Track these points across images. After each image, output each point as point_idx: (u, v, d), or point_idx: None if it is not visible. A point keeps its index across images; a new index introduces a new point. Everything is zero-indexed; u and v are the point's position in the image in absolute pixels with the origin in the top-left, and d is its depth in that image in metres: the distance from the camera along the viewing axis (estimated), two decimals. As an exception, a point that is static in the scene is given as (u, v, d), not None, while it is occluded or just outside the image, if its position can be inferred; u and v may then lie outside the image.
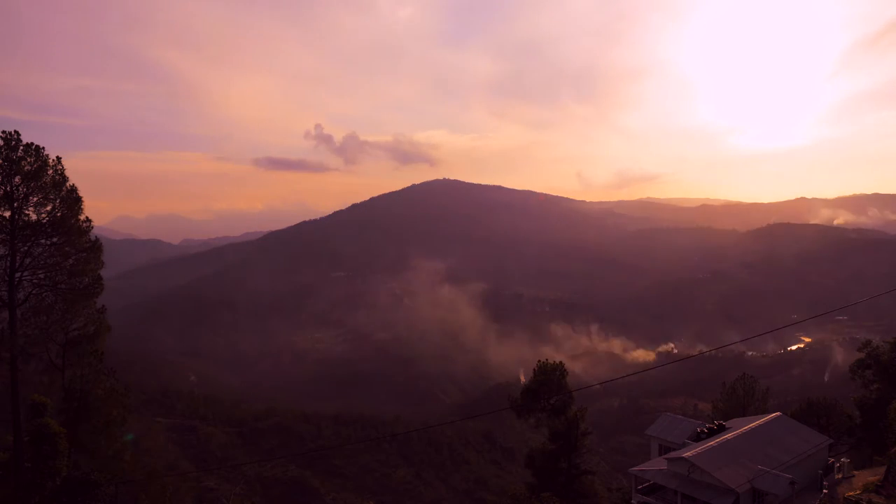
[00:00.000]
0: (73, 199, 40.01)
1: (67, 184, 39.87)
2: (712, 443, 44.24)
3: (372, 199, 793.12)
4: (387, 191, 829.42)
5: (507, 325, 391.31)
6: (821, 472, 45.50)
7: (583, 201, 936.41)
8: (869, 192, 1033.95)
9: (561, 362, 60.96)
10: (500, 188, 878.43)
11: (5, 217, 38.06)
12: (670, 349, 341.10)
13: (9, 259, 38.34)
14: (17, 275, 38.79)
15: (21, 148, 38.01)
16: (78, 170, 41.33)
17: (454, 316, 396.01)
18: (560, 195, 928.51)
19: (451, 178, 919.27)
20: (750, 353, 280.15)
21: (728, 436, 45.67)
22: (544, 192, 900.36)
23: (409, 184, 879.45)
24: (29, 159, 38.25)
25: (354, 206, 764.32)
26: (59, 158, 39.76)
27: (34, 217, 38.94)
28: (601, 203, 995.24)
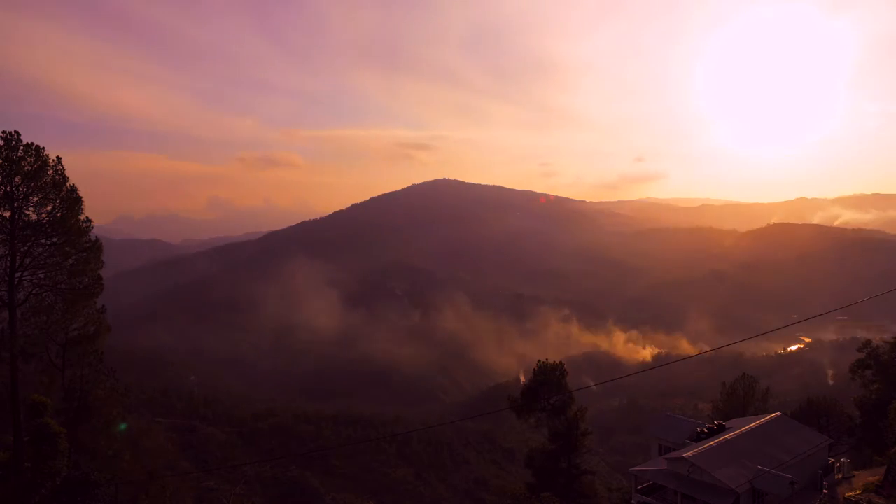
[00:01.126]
0: (73, 199, 40.02)
1: (67, 184, 39.92)
2: (712, 443, 44.28)
3: (372, 199, 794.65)
4: (380, 189, 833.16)
5: (506, 325, 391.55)
6: (821, 472, 45.53)
7: (583, 201, 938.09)
8: (869, 191, 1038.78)
9: (561, 362, 61.03)
10: (500, 188, 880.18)
11: (5, 217, 38.06)
12: (670, 349, 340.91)
13: (9, 259, 38.33)
14: (17, 275, 38.77)
15: (21, 148, 38.04)
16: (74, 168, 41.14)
17: (452, 316, 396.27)
18: (558, 195, 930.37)
19: (452, 178, 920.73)
20: (750, 354, 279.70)
21: (728, 436, 45.71)
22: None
23: (408, 183, 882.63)
24: (29, 159, 38.26)
25: (354, 206, 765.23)
26: (59, 158, 39.83)
27: (34, 217, 38.93)
28: (601, 203, 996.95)
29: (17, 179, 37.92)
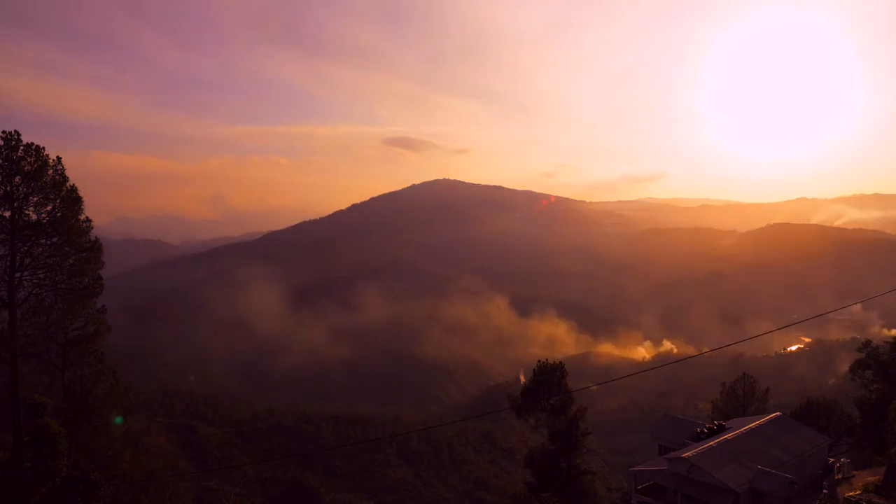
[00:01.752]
0: (73, 199, 40.06)
1: (67, 184, 39.95)
2: (712, 443, 44.25)
3: (372, 199, 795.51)
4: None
5: (505, 325, 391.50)
6: (821, 472, 45.50)
7: (582, 201, 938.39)
8: (869, 192, 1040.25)
9: (561, 362, 60.94)
10: (499, 188, 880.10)
11: (5, 217, 38.09)
12: (670, 349, 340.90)
13: (9, 259, 38.37)
14: (17, 275, 38.81)
15: (21, 148, 38.07)
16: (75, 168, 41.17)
17: (450, 316, 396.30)
18: (557, 195, 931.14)
19: (451, 178, 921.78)
20: (750, 354, 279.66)
21: (728, 436, 45.67)
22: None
23: (408, 183, 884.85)
24: (29, 159, 38.30)
25: (354, 207, 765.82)
26: (59, 158, 39.88)
27: (34, 217, 38.97)
28: (601, 203, 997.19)
29: (17, 179, 37.96)
